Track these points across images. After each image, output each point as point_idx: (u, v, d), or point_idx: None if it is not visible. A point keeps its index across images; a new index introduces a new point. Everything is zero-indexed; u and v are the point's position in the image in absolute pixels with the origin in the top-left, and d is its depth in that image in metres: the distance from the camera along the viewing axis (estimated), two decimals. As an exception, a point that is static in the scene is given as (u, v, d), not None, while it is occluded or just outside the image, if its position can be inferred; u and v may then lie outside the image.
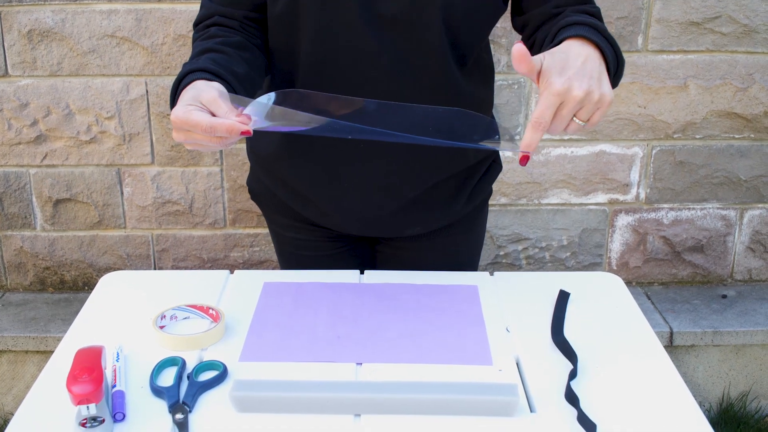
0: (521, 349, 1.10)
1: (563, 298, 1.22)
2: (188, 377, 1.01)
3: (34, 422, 0.94)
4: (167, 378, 1.02)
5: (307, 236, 1.41)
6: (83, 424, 0.90)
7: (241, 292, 1.25)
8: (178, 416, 0.94)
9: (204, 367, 1.04)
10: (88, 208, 2.35)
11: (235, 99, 1.01)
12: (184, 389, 0.99)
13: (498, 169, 1.41)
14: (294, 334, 1.13)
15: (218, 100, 0.99)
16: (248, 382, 0.97)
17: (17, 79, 2.21)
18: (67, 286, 2.45)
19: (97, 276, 2.41)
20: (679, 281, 2.49)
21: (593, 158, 2.33)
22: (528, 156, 0.97)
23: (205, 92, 1.00)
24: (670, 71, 2.25)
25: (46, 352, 2.23)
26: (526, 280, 1.31)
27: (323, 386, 0.97)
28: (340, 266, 1.37)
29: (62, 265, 2.42)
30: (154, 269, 2.43)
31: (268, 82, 1.27)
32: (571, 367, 1.05)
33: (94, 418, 0.90)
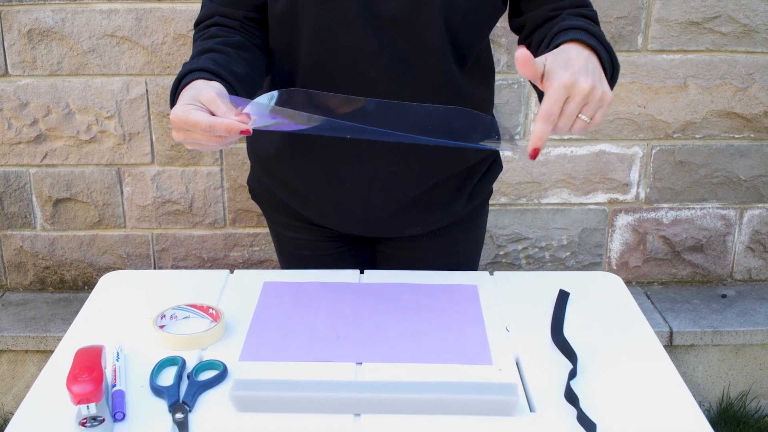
0: (521, 348, 1.10)
1: (563, 297, 1.22)
2: (188, 377, 1.02)
3: (34, 422, 0.94)
4: (167, 377, 1.02)
5: (307, 236, 1.41)
6: (83, 424, 0.90)
7: (241, 291, 1.25)
8: (178, 416, 0.94)
9: (204, 366, 1.04)
10: (88, 207, 2.34)
11: (235, 98, 1.01)
12: (184, 389, 1.00)
13: (498, 169, 1.41)
14: (294, 333, 1.13)
15: (217, 99, 0.99)
16: (248, 381, 0.97)
17: (17, 78, 2.21)
18: (67, 285, 2.45)
19: (97, 275, 2.41)
20: (678, 281, 2.49)
21: (593, 158, 2.33)
22: (538, 150, 0.97)
23: (205, 92, 1.00)
24: (670, 71, 2.24)
25: (46, 352, 2.23)
26: (526, 279, 1.31)
27: (323, 386, 0.97)
28: (340, 266, 1.37)
29: (62, 264, 2.42)
30: (154, 269, 2.43)
31: (269, 82, 1.27)
32: (570, 366, 1.05)
33: (94, 418, 0.90)
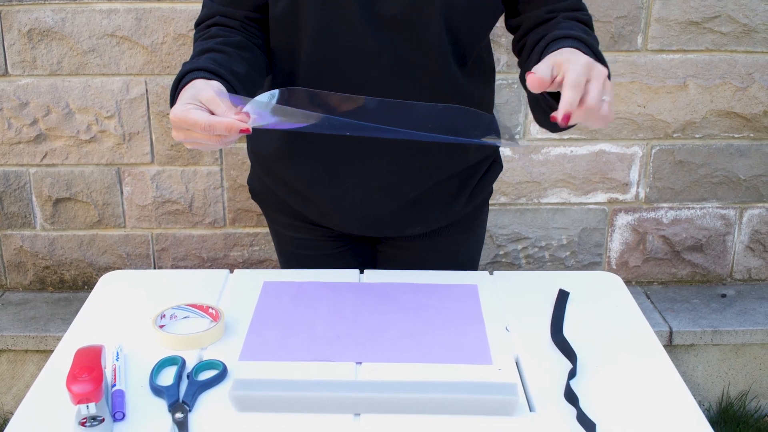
0: (521, 348, 1.10)
1: (563, 297, 1.22)
2: (188, 376, 1.02)
3: (33, 421, 0.94)
4: (167, 377, 1.02)
5: (307, 235, 1.41)
6: (83, 424, 0.90)
7: (240, 291, 1.25)
8: (178, 415, 0.94)
9: (204, 366, 1.04)
10: (87, 207, 2.34)
11: (235, 97, 1.01)
12: (183, 388, 1.00)
13: (498, 169, 1.41)
14: (294, 333, 1.13)
15: (217, 98, 0.99)
16: (248, 381, 0.97)
17: (17, 78, 2.21)
18: (66, 285, 2.45)
19: (97, 275, 2.41)
20: (678, 280, 2.49)
21: (593, 157, 2.33)
22: (569, 114, 0.94)
23: (204, 91, 1.00)
24: (670, 71, 2.24)
25: (45, 352, 2.23)
26: (526, 279, 1.31)
27: (323, 385, 0.97)
28: (340, 266, 1.37)
29: (62, 264, 2.42)
30: (154, 268, 2.43)
31: (269, 82, 1.27)
32: (570, 366, 1.05)
33: (94, 418, 0.90)
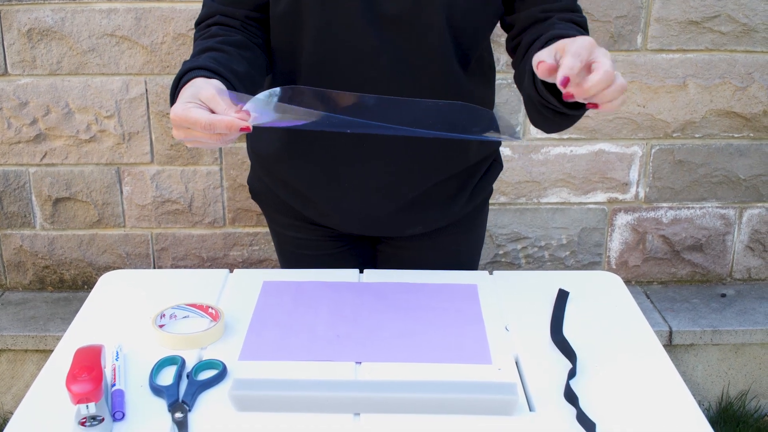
0: (520, 348, 1.10)
1: (562, 297, 1.22)
2: (188, 376, 1.02)
3: (33, 421, 0.94)
4: (167, 377, 1.02)
5: (307, 235, 1.41)
6: (83, 423, 0.90)
7: (240, 291, 1.25)
8: (178, 415, 0.94)
9: (203, 366, 1.04)
10: (87, 207, 2.34)
11: (235, 95, 1.01)
12: (183, 388, 1.00)
13: (498, 169, 1.41)
14: (293, 333, 1.13)
15: (217, 97, 0.99)
16: (248, 381, 0.97)
17: (17, 78, 2.21)
18: (66, 285, 2.45)
19: (97, 275, 2.41)
20: (678, 280, 2.49)
21: (592, 157, 2.33)
22: (569, 78, 0.92)
23: (204, 89, 1.00)
24: (670, 70, 2.24)
25: (45, 351, 2.23)
26: (526, 279, 1.31)
27: (322, 385, 0.97)
28: (340, 265, 1.37)
29: (62, 263, 2.42)
30: (154, 268, 2.43)
31: (270, 81, 1.27)
32: (570, 366, 1.05)
33: (94, 417, 0.90)
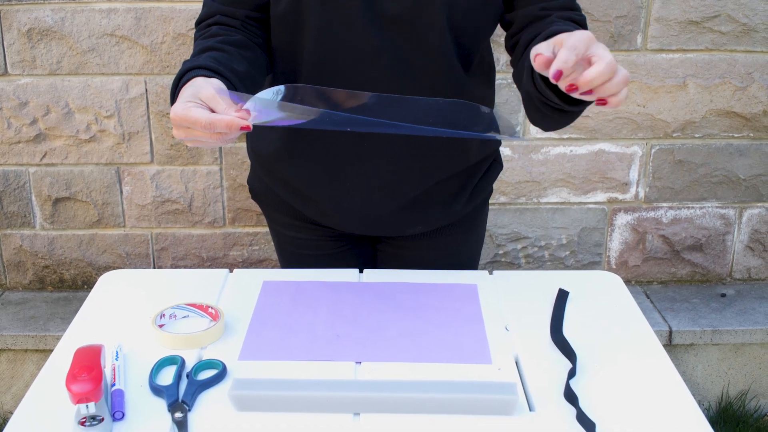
0: (520, 347, 1.10)
1: (562, 296, 1.22)
2: (187, 376, 1.02)
3: (33, 421, 0.94)
4: (166, 377, 1.02)
5: (308, 235, 1.41)
6: (82, 423, 0.90)
7: (240, 290, 1.25)
8: (178, 415, 0.94)
9: (203, 365, 1.04)
10: (87, 206, 2.34)
11: (235, 95, 1.01)
12: (183, 388, 1.00)
13: (499, 168, 1.41)
14: (293, 332, 1.13)
15: (217, 96, 0.99)
16: (247, 380, 0.97)
17: (16, 77, 2.21)
18: (66, 284, 2.45)
19: (97, 275, 2.41)
20: (678, 280, 2.49)
21: (592, 157, 2.33)
22: (562, 72, 0.91)
23: (204, 89, 1.00)
24: (669, 70, 2.24)
25: (45, 351, 2.23)
26: (525, 278, 1.31)
27: (322, 385, 0.97)
28: (341, 265, 1.37)
29: (61, 263, 2.41)
30: (154, 268, 2.43)
31: (270, 81, 1.27)
32: (570, 365, 1.05)
33: (94, 417, 0.90)
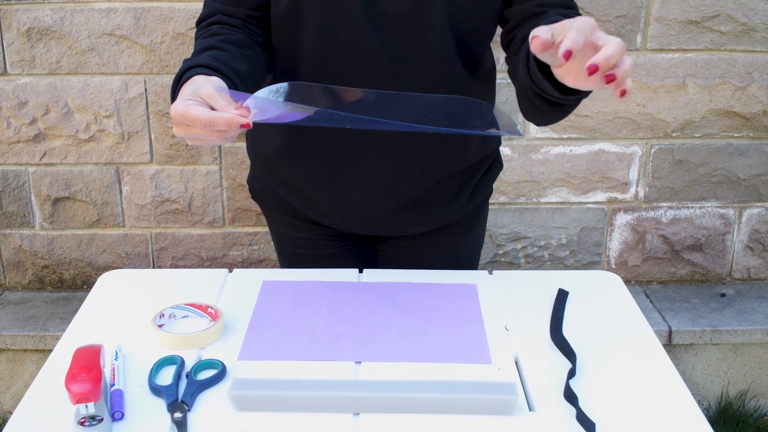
0: (520, 347, 1.10)
1: (562, 296, 1.22)
2: (187, 376, 1.01)
3: (32, 421, 0.94)
4: (166, 377, 1.02)
5: (307, 235, 1.41)
6: (82, 423, 0.90)
7: (240, 290, 1.25)
8: (177, 415, 0.94)
9: (203, 365, 1.04)
10: (86, 206, 2.34)
11: (234, 93, 1.01)
12: (182, 388, 0.99)
13: (499, 168, 1.41)
14: (293, 332, 1.13)
15: (216, 94, 0.99)
16: (247, 380, 0.97)
17: (16, 77, 2.20)
18: (65, 284, 2.45)
19: (96, 274, 2.41)
20: (677, 280, 2.49)
21: (592, 157, 2.33)
22: (571, 51, 0.89)
23: (204, 87, 1.00)
24: (669, 70, 2.24)
25: (44, 351, 2.23)
26: (525, 278, 1.31)
27: (322, 385, 0.97)
28: (340, 265, 1.37)
29: (61, 263, 2.41)
30: (153, 268, 2.43)
31: (271, 80, 1.27)
32: (570, 365, 1.05)
33: (93, 417, 0.90)
